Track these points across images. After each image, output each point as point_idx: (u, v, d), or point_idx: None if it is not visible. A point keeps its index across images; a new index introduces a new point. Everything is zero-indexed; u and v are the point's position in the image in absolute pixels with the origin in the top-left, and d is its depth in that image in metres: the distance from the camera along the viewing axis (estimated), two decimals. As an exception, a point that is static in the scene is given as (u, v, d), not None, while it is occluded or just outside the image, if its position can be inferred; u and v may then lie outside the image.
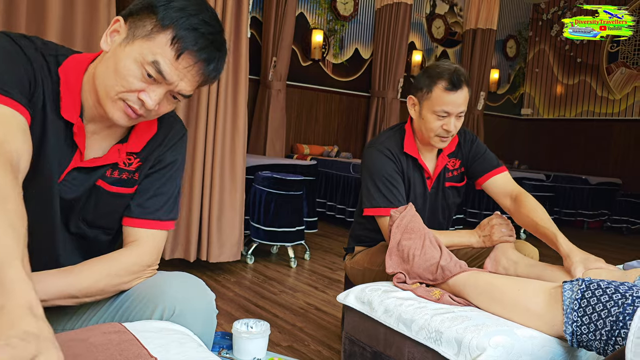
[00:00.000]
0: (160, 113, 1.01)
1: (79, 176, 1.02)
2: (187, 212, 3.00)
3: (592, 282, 1.09)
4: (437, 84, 1.70)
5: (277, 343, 2.17)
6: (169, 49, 0.91)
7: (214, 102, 2.99)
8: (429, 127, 1.74)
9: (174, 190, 1.14)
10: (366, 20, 6.49)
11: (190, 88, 0.97)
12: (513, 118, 8.37)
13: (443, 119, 1.71)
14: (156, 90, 0.94)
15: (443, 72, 1.69)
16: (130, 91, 0.94)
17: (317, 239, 4.48)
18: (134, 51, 0.92)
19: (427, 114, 1.74)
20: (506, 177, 1.87)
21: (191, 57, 0.93)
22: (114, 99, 0.94)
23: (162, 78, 0.93)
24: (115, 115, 0.96)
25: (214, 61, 0.97)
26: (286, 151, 5.81)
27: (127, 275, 1.03)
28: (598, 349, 1.04)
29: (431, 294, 1.37)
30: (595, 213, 6.31)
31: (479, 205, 5.38)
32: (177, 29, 0.91)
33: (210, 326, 1.04)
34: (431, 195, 1.89)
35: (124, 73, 0.92)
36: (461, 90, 1.69)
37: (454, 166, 1.91)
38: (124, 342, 0.83)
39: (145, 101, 0.94)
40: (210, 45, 0.94)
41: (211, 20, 0.96)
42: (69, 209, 1.04)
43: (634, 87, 7.06)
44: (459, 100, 1.69)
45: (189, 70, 0.94)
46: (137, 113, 0.96)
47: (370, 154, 1.82)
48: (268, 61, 5.32)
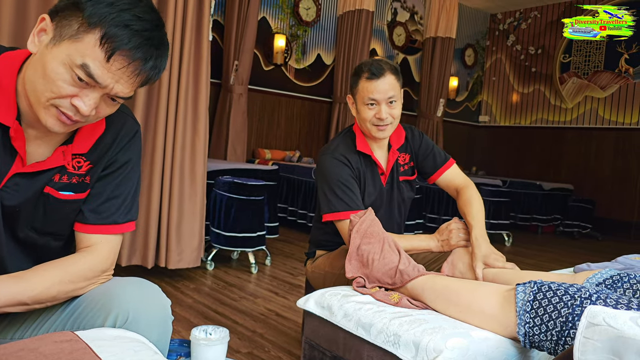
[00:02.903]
0: (101, 116, 0.94)
1: (21, 182, 0.96)
2: (146, 217, 2.94)
3: (544, 284, 1.12)
4: (361, 76, 1.80)
5: (236, 350, 2.15)
6: (98, 50, 0.83)
7: (174, 105, 2.95)
8: (363, 117, 1.82)
9: (130, 190, 1.08)
10: (328, 26, 6.54)
11: (128, 90, 0.90)
12: (471, 125, 8.57)
13: (373, 107, 1.80)
14: (90, 94, 0.87)
15: (364, 65, 1.81)
16: (62, 97, 0.86)
17: (279, 244, 4.47)
18: (62, 53, 0.84)
19: (360, 107, 1.83)
20: (455, 170, 1.98)
21: (124, 57, 0.85)
22: (46, 105, 0.87)
23: (95, 82, 0.85)
24: (49, 123, 0.88)
25: (152, 59, 0.89)
26: (247, 156, 5.78)
27: (80, 281, 0.99)
28: (549, 349, 1.08)
29: (390, 297, 1.38)
30: (549, 218, 6.51)
31: (437, 210, 5.47)
32: (106, 27, 0.83)
33: (166, 333, 1.02)
34: (387, 191, 1.93)
35: (52, 77, 0.85)
36: (383, 77, 1.77)
37: (405, 161, 1.97)
38: (77, 351, 0.81)
39: (80, 107, 0.87)
40: (145, 43, 0.86)
41: (145, 14, 0.87)
42: (12, 216, 0.98)
43: (584, 97, 7.34)
44: (383, 86, 1.77)
45: (123, 71, 0.87)
46: (72, 119, 0.88)
47: (324, 161, 1.85)
48: (230, 65, 5.29)
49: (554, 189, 6.64)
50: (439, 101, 7.16)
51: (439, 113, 7.17)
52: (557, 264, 4.44)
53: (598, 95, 7.19)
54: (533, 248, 5.43)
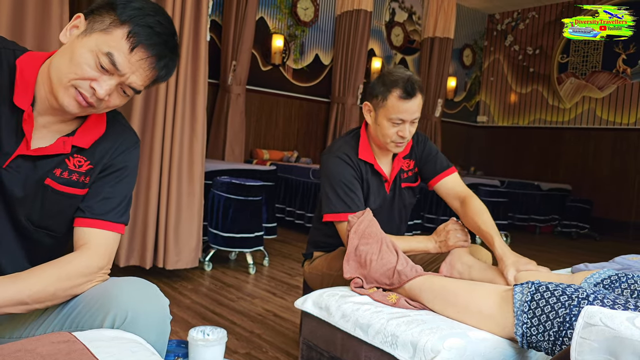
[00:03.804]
0: (110, 106, 1.04)
1: (23, 165, 1.03)
2: (144, 217, 2.94)
3: (541, 284, 1.13)
4: (392, 92, 1.72)
5: (234, 350, 2.15)
6: (124, 42, 0.97)
7: (172, 105, 2.95)
8: (385, 133, 1.77)
9: (126, 194, 1.14)
10: (326, 26, 6.54)
11: (141, 82, 1.02)
12: (469, 125, 8.58)
13: (398, 125, 1.74)
14: (108, 81, 0.99)
15: (398, 81, 1.72)
16: (83, 78, 0.97)
17: (276, 244, 4.47)
18: (91, 42, 0.97)
19: (383, 121, 1.76)
20: (455, 178, 1.93)
21: (144, 51, 0.99)
22: (67, 85, 0.98)
23: (115, 69, 0.98)
24: (66, 101, 0.99)
25: (165, 59, 1.03)
26: (245, 156, 5.77)
27: (78, 277, 1.00)
28: (546, 349, 1.08)
29: (388, 298, 1.38)
30: (546, 218, 6.52)
31: (436, 211, 5.48)
32: (133, 25, 0.97)
33: (164, 333, 1.02)
34: (389, 198, 1.92)
35: (78, 61, 0.97)
36: (415, 98, 1.72)
37: (409, 167, 1.95)
38: (74, 352, 0.81)
39: (97, 90, 0.98)
40: (162, 44, 1.01)
41: (166, 22, 1.02)
42: (12, 202, 1.04)
43: (582, 97, 7.36)
44: (413, 107, 1.73)
45: (140, 64, 1.00)
46: (88, 101, 0.99)
47: (328, 160, 1.83)
48: (227, 65, 5.28)
49: (552, 189, 6.65)
50: (437, 101, 7.17)
51: (437, 113, 7.18)
52: (555, 264, 4.42)
53: (596, 95, 7.20)
54: (531, 248, 5.44)
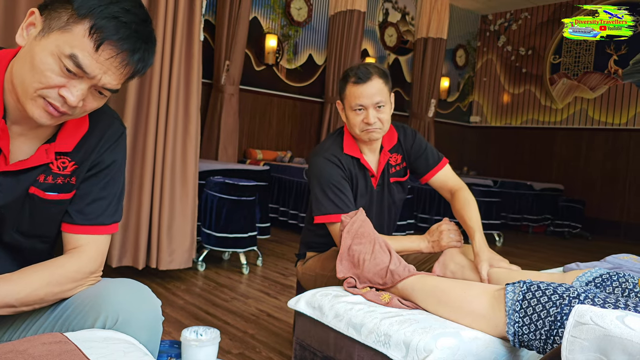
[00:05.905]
0: (88, 110, 0.94)
1: (5, 182, 0.95)
2: (137, 217, 2.93)
3: (533, 283, 1.13)
4: (348, 81, 1.78)
5: (227, 350, 2.15)
6: (87, 40, 0.85)
7: (165, 105, 2.93)
8: (352, 123, 1.81)
9: (116, 192, 1.09)
10: (320, 26, 6.54)
11: (116, 82, 0.91)
12: (462, 125, 8.61)
13: (361, 112, 1.78)
14: (78, 85, 0.88)
15: (351, 69, 1.79)
16: (49, 87, 0.87)
17: (270, 244, 4.46)
18: (50, 44, 0.85)
19: (349, 112, 1.81)
20: (447, 172, 1.97)
21: (112, 47, 0.87)
22: (33, 96, 0.87)
23: (83, 72, 0.86)
24: (36, 114, 0.88)
25: (139, 51, 0.90)
26: (239, 156, 5.76)
27: (68, 283, 0.99)
28: (538, 348, 1.09)
29: (380, 298, 1.39)
30: (539, 218, 6.55)
31: (429, 211, 5.49)
32: (95, 18, 0.85)
33: (156, 334, 1.01)
34: (377, 193, 1.93)
35: (40, 68, 0.85)
36: (370, 82, 1.75)
37: (396, 161, 1.96)
38: (66, 353, 0.80)
39: (67, 97, 0.87)
40: (133, 35, 0.88)
41: (133, 8, 0.89)
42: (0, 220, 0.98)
43: (574, 97, 7.40)
44: (371, 91, 1.75)
45: (111, 62, 0.88)
46: (60, 111, 0.89)
47: (316, 162, 1.84)
48: (221, 65, 5.27)
49: (544, 189, 6.68)
50: (431, 102, 7.18)
51: (431, 113, 7.20)
52: (547, 264, 4.46)
53: (588, 96, 7.24)
54: (524, 248, 5.46)
